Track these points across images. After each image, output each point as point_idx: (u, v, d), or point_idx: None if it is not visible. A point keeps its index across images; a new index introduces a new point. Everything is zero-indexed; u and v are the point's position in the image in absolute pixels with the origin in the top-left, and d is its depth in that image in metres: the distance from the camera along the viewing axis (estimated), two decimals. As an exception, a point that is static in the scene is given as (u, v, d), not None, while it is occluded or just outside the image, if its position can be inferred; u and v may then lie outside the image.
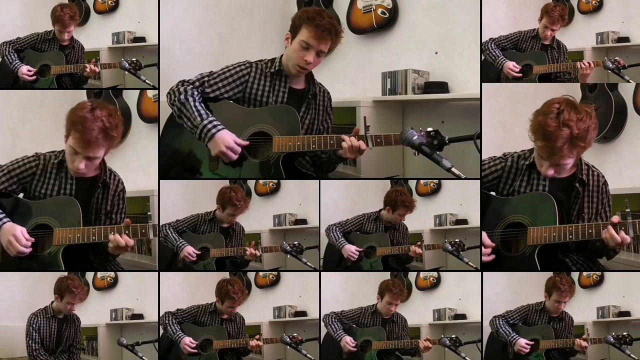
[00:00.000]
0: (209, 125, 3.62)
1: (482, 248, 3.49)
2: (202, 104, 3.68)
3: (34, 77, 4.46)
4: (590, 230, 3.36)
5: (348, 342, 4.35)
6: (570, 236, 3.39)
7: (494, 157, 3.58)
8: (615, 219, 3.32)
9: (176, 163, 3.87)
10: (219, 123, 3.64)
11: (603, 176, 3.51)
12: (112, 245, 3.53)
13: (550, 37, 4.42)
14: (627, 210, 3.32)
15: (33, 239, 3.55)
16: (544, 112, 3.29)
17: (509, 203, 3.52)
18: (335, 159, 3.76)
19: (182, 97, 3.66)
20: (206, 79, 3.73)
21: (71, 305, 4.32)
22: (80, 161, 3.49)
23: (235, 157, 3.66)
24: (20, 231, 3.53)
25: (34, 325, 4.32)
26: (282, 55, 3.77)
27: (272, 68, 3.76)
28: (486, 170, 3.57)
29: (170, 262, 4.28)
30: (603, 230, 3.31)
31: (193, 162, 3.81)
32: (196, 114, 3.64)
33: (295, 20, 3.69)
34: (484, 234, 3.50)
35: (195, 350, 4.28)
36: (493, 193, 3.59)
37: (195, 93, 3.68)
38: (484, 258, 3.49)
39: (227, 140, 3.64)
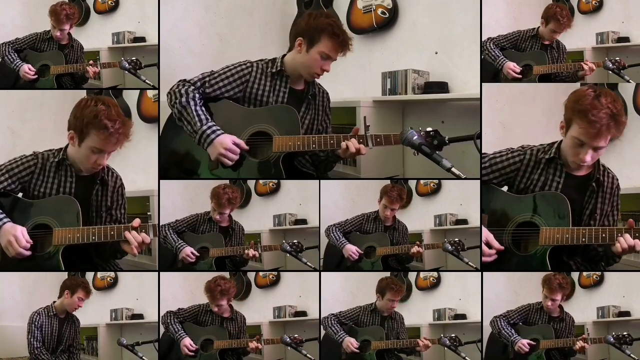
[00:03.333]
0: (208, 131, 3.62)
1: (487, 248, 3.42)
2: (203, 107, 3.68)
3: (35, 76, 4.46)
4: (604, 235, 3.28)
5: (351, 342, 4.35)
6: (584, 239, 3.32)
7: (512, 149, 3.51)
8: (631, 222, 3.29)
9: (174, 164, 3.86)
10: (219, 128, 3.64)
11: (617, 179, 3.47)
12: (129, 243, 3.50)
13: (555, 39, 4.43)
14: None
15: (32, 241, 3.54)
16: (579, 97, 3.26)
17: (520, 201, 3.46)
18: (333, 157, 3.78)
19: (183, 100, 3.66)
20: (207, 78, 3.73)
21: (81, 301, 4.34)
22: (103, 157, 3.50)
23: (235, 158, 3.66)
24: (21, 231, 3.51)
25: (36, 323, 4.33)
26: (283, 56, 3.77)
27: (273, 68, 3.76)
28: (504, 162, 3.48)
29: (172, 261, 4.28)
30: (618, 236, 3.24)
31: (191, 163, 3.80)
32: (196, 118, 3.64)
33: (314, 29, 3.65)
34: (491, 236, 3.43)
35: (193, 354, 4.27)
36: (505, 189, 3.52)
37: (197, 96, 3.68)
38: (487, 258, 3.43)
39: (226, 142, 3.63)
